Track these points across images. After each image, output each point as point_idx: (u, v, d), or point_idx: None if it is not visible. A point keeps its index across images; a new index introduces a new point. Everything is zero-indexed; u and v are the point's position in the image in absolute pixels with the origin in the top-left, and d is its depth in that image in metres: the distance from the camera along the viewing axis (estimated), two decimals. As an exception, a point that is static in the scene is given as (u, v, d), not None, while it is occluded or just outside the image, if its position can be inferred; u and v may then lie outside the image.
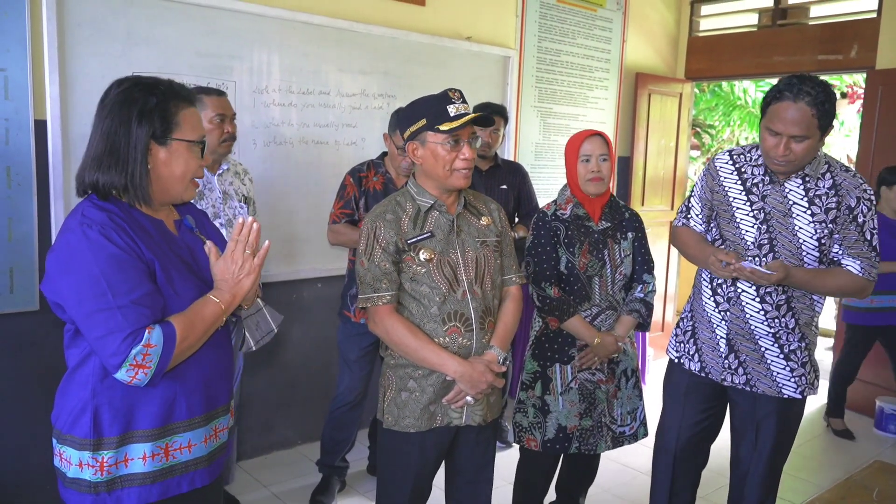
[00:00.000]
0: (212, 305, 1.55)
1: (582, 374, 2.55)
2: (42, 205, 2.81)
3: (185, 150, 1.56)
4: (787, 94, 2.09)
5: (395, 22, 3.83)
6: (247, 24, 3.29)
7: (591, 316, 2.55)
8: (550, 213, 2.59)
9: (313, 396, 3.80)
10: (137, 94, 1.51)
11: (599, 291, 2.55)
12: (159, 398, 1.54)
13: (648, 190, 5.52)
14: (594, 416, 2.56)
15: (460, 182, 2.02)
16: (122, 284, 1.43)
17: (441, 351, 1.99)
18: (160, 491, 1.56)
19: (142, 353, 1.41)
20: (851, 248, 2.23)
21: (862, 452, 4.04)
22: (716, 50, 5.57)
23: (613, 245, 2.57)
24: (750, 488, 2.42)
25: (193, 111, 1.60)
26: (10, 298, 2.77)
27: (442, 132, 1.97)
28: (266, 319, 1.80)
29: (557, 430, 2.54)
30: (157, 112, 1.51)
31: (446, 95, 1.98)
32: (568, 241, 2.53)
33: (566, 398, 2.54)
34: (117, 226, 1.48)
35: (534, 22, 4.57)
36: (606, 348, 2.52)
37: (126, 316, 1.41)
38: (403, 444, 2.07)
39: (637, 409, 2.67)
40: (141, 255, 1.49)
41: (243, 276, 1.60)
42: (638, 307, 2.61)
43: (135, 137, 1.50)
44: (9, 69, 2.69)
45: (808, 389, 2.35)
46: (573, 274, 2.53)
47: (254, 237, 1.60)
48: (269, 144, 3.45)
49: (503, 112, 3.61)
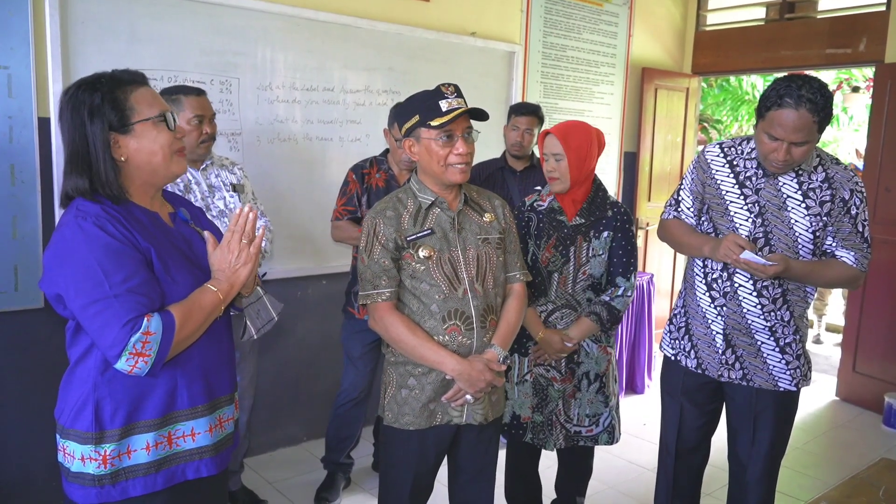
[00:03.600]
0: (210, 294, 1.55)
1: (537, 368, 2.51)
2: (46, 202, 2.82)
3: (151, 127, 1.56)
4: (787, 100, 2.05)
5: (399, 18, 3.82)
6: (251, 20, 3.29)
7: (545, 312, 2.49)
8: (528, 203, 2.56)
9: (318, 393, 3.80)
10: (82, 96, 1.52)
11: (557, 288, 2.48)
12: (160, 388, 1.55)
13: (655, 185, 5.50)
14: (545, 412, 2.50)
15: (457, 177, 2.00)
16: (119, 273, 1.44)
17: (439, 349, 1.98)
18: (165, 479, 1.57)
19: (141, 340, 1.41)
20: (846, 240, 2.23)
21: (870, 450, 4.01)
22: (723, 44, 5.53)
23: (582, 243, 2.47)
24: (750, 483, 2.41)
25: (144, 90, 1.59)
26: (15, 296, 2.78)
27: (433, 128, 1.96)
28: (266, 308, 1.80)
29: (512, 418, 2.52)
30: (106, 105, 1.51)
31: (439, 90, 1.97)
32: (537, 233, 2.49)
33: (521, 389, 2.51)
34: (112, 217, 1.49)
35: (539, 17, 4.55)
36: (551, 346, 2.42)
37: (123, 304, 1.42)
38: (403, 441, 2.06)
39: (601, 415, 2.53)
40: (137, 244, 1.49)
41: (240, 266, 1.60)
42: (598, 310, 2.45)
43: (91, 136, 1.50)
44: (12, 67, 2.70)
45: (803, 381, 2.36)
46: (535, 267, 2.48)
47: (250, 226, 1.60)
48: (273, 141, 3.45)
49: (538, 112, 3.54)
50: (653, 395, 2.84)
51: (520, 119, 3.50)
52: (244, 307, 1.75)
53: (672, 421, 2.56)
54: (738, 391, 2.40)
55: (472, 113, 1.98)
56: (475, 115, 2.00)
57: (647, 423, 4.15)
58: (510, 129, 3.55)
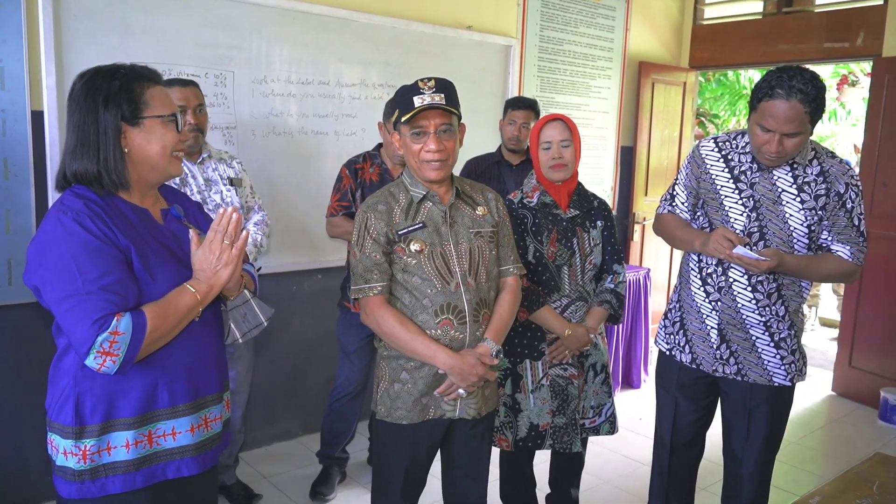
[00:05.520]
0: (187, 295, 1.54)
1: (553, 369, 2.46)
2: (39, 196, 2.81)
3: (160, 125, 1.57)
4: (778, 91, 2.05)
5: (395, 11, 3.81)
6: (246, 13, 3.27)
7: (560, 307, 2.47)
8: (517, 200, 2.51)
9: (314, 387, 3.80)
10: (100, 82, 1.52)
11: (569, 281, 2.47)
12: (140, 386, 1.54)
13: (652, 180, 5.49)
14: (567, 413, 2.46)
15: (430, 174, 1.98)
16: (93, 270, 1.43)
17: (431, 343, 1.97)
18: (144, 478, 1.56)
19: (108, 340, 1.40)
20: (841, 234, 2.23)
21: (865, 444, 4.02)
22: (720, 38, 5.52)
23: (583, 233, 2.49)
24: (744, 477, 2.41)
25: (160, 89, 1.60)
26: (9, 290, 2.78)
27: (403, 123, 1.96)
28: (254, 312, 1.77)
29: (529, 429, 2.46)
30: (122, 95, 1.52)
31: (416, 85, 1.94)
32: (535, 230, 2.46)
33: (537, 396, 2.46)
34: (93, 213, 1.49)
35: (535, 10, 4.53)
36: (578, 340, 2.43)
37: (95, 301, 1.41)
38: (396, 435, 2.06)
39: (604, 406, 2.58)
40: (116, 242, 1.49)
41: (220, 267, 1.58)
42: (609, 298, 2.52)
43: (104, 123, 1.51)
44: (5, 60, 2.69)
45: (797, 376, 2.36)
46: (542, 263, 2.45)
47: (233, 227, 1.58)
48: (268, 135, 3.43)
49: (535, 106, 3.54)
50: (649, 389, 2.84)
51: (516, 113, 3.49)
52: (229, 310, 1.73)
53: (667, 416, 2.56)
54: (732, 386, 2.40)
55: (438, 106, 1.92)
56: (435, 107, 1.92)
57: (643, 418, 4.15)
58: (507, 124, 3.54)
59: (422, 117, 1.94)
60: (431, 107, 1.92)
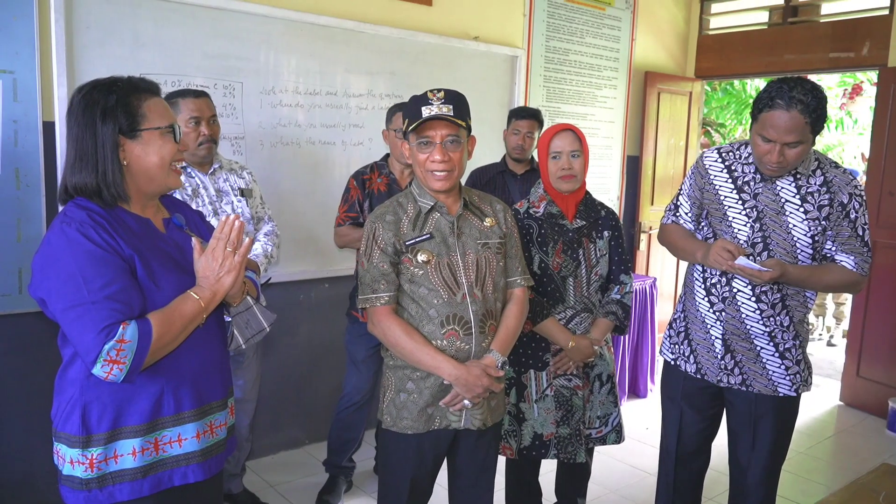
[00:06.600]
0: (191, 302, 1.55)
1: (558, 380, 2.46)
2: (50, 206, 2.83)
3: (158, 137, 1.59)
4: (779, 101, 2.06)
5: (402, 22, 3.84)
6: (254, 25, 3.31)
7: (565, 318, 2.46)
8: (523, 210, 2.52)
9: (321, 396, 3.81)
10: (97, 96, 1.54)
11: (574, 293, 2.47)
12: (146, 394, 1.55)
13: (658, 189, 5.50)
14: (572, 423, 2.46)
15: (435, 185, 2.00)
16: (98, 280, 1.45)
17: (437, 353, 1.97)
18: (151, 485, 1.58)
19: (115, 348, 1.42)
20: (845, 244, 2.23)
21: (873, 454, 4.00)
22: (726, 48, 5.53)
23: (588, 244, 2.48)
24: (750, 487, 2.41)
25: (157, 100, 1.61)
26: (19, 299, 2.80)
27: (409, 133, 1.98)
28: (257, 318, 1.79)
29: (533, 439, 2.46)
30: (119, 108, 1.54)
31: (425, 96, 1.96)
32: (541, 241, 2.46)
33: (541, 406, 2.46)
34: (96, 223, 1.50)
35: (542, 21, 4.56)
36: (582, 352, 2.43)
37: (100, 310, 1.43)
38: (401, 444, 2.07)
39: (610, 416, 2.57)
40: (120, 251, 1.50)
41: (223, 274, 1.59)
42: (614, 309, 2.52)
43: (101, 137, 1.53)
44: (17, 72, 2.72)
45: (803, 387, 2.36)
46: (546, 274, 2.45)
47: (235, 234, 1.60)
48: (276, 145, 3.46)
49: (538, 116, 3.58)
50: (655, 399, 2.84)
51: (520, 123, 3.52)
52: (232, 316, 1.75)
53: (672, 425, 2.56)
54: (737, 396, 2.40)
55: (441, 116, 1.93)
56: (440, 118, 1.94)
57: (650, 428, 4.15)
58: (511, 133, 3.56)
59: (428, 127, 1.96)
60: (437, 117, 1.94)
